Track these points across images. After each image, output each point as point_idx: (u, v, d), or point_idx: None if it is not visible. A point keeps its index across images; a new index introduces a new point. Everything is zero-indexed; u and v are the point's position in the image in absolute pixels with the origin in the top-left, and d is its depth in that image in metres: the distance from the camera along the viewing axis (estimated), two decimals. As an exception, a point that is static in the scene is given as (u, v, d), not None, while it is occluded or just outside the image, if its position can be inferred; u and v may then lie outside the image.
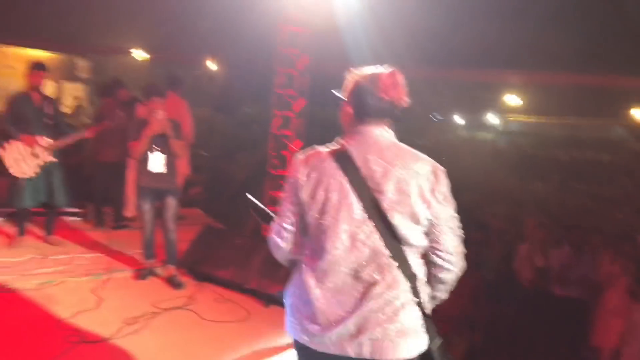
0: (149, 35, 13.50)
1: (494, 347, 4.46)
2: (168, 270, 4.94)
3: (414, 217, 1.88)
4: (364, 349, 1.85)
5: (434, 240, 1.95)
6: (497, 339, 4.52)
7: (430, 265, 2.00)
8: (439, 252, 1.96)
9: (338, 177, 1.91)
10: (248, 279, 4.78)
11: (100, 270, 5.01)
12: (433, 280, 2.02)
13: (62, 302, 4.25)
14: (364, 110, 1.99)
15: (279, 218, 2.05)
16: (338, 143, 2.03)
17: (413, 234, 1.90)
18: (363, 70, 2.04)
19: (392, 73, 1.99)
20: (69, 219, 6.63)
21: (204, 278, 4.99)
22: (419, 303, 1.92)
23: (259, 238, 4.81)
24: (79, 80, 15.74)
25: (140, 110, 5.56)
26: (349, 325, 1.86)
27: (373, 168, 1.90)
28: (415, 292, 1.91)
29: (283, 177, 5.79)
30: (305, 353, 1.98)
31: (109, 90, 6.80)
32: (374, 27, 7.59)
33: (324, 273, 1.92)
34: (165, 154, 4.79)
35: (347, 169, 1.92)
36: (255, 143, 8.95)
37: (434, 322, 1.97)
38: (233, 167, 9.70)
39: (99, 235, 6.16)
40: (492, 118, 20.54)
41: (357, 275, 1.89)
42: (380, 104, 1.97)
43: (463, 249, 2.01)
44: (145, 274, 4.97)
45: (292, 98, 6.70)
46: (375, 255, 1.89)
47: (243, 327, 4.20)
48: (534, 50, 11.69)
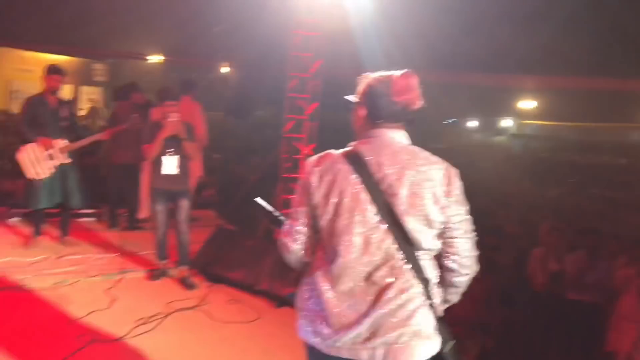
0: (165, 40, 13.64)
1: (507, 351, 4.41)
2: (180, 271, 4.98)
3: (428, 220, 1.87)
4: (377, 353, 1.84)
5: (447, 244, 1.94)
6: (509, 344, 4.47)
7: (443, 269, 1.98)
8: (452, 255, 1.94)
9: (351, 180, 1.89)
10: (259, 281, 4.81)
11: (114, 271, 5.07)
12: (446, 284, 2.00)
13: (75, 301, 4.31)
14: (377, 113, 1.97)
15: (291, 220, 2.04)
16: (351, 146, 2.00)
17: (426, 238, 1.88)
18: (376, 74, 2.01)
19: (405, 75, 1.95)
20: (84, 220, 6.72)
21: (216, 279, 5.02)
22: (432, 306, 1.91)
23: (271, 240, 4.82)
24: (96, 84, 15.93)
25: (155, 113, 5.61)
26: (362, 329, 1.85)
27: (386, 171, 1.88)
28: (428, 295, 1.90)
29: (295, 180, 5.79)
30: (317, 356, 1.97)
31: (124, 94, 6.86)
32: (387, 30, 7.59)
33: (337, 276, 1.90)
34: (179, 156, 4.83)
35: (360, 172, 1.89)
36: (268, 146, 8.97)
37: (446, 325, 1.95)
38: (245, 169, 9.73)
39: (113, 236, 6.22)
40: (506, 122, 20.41)
41: (370, 279, 1.88)
42: (394, 107, 1.94)
43: (476, 252, 1.99)
44: (158, 275, 5.02)
45: (304, 101, 6.72)
46: (389, 259, 1.87)
47: (254, 328, 4.23)
48: (549, 54, 11.61)
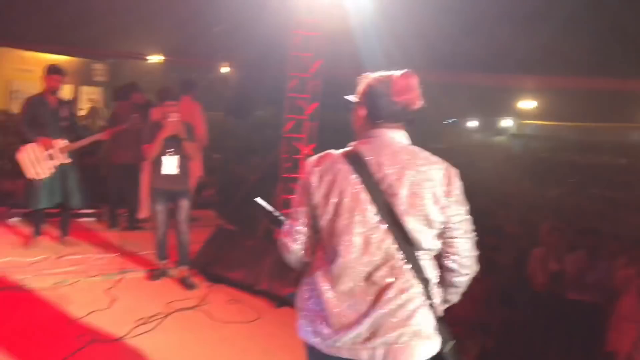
0: (165, 40, 13.64)
1: (507, 351, 4.41)
2: (180, 271, 4.98)
3: (428, 220, 1.87)
4: (377, 353, 1.84)
5: (447, 244, 1.94)
6: (509, 344, 4.47)
7: (443, 269, 1.98)
8: (452, 255, 1.94)
9: (351, 180, 1.89)
10: (259, 281, 4.81)
11: (114, 271, 5.07)
12: (446, 284, 2.00)
13: (75, 301, 4.31)
14: (377, 113, 1.97)
15: (291, 220, 2.03)
16: (351, 146, 2.00)
17: (426, 238, 1.88)
18: (376, 74, 2.01)
19: (405, 75, 1.95)
20: (84, 220, 6.72)
21: (216, 279, 5.02)
22: (432, 306, 1.91)
23: (271, 240, 4.82)
24: (96, 84, 15.93)
25: (155, 113, 5.61)
26: (362, 329, 1.85)
27: (386, 171, 1.88)
28: (428, 295, 1.90)
29: (295, 180, 5.79)
30: (317, 356, 1.97)
31: (124, 94, 6.86)
32: (387, 30, 7.58)
33: (337, 276, 1.90)
34: (179, 156, 4.83)
35: (360, 173, 1.89)
36: (268, 146, 8.97)
37: (446, 325, 1.95)
38: (245, 169, 9.73)
39: (113, 236, 6.22)
40: (506, 122, 20.40)
41: (370, 279, 1.87)
42: (394, 107, 1.94)
43: (476, 252, 1.99)
44: (158, 275, 5.02)
45: (304, 101, 6.71)
46: (389, 259, 1.87)
47: (254, 328, 4.23)
48: (549, 54, 11.60)
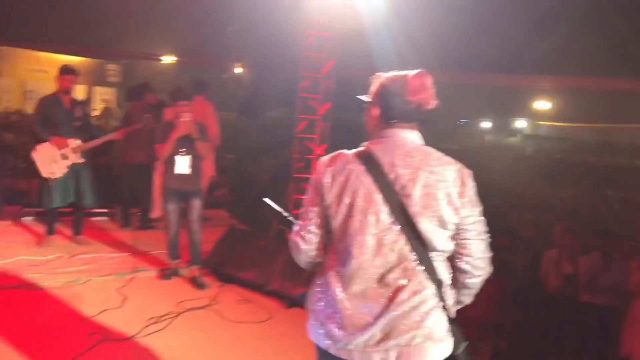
0: (178, 41, 13.73)
1: (520, 353, 4.36)
2: (192, 271, 4.98)
3: (441, 221, 1.84)
4: (390, 355, 1.82)
5: (461, 245, 1.91)
6: (522, 346, 4.42)
7: (456, 270, 1.95)
8: (465, 256, 1.92)
9: (365, 180, 1.86)
10: (270, 281, 4.80)
11: (126, 270, 5.10)
12: (458, 285, 1.98)
13: (87, 300, 4.33)
14: (391, 113, 1.94)
15: (303, 220, 2.01)
16: (364, 146, 1.97)
17: (440, 239, 1.86)
18: (389, 73, 1.98)
19: (420, 74, 1.92)
20: (97, 219, 6.77)
21: (227, 279, 5.02)
22: (445, 308, 1.88)
23: (283, 240, 4.82)
24: (110, 85, 16.07)
25: (168, 113, 5.63)
26: (375, 332, 1.82)
27: (400, 172, 1.85)
28: (442, 297, 1.87)
29: (307, 180, 5.79)
30: (327, 358, 1.94)
31: (137, 94, 6.90)
32: (400, 30, 7.56)
33: (350, 278, 1.87)
34: (191, 156, 4.84)
35: (373, 173, 1.86)
36: (280, 146, 8.98)
37: (459, 326, 1.93)
38: (258, 169, 9.75)
39: (125, 236, 6.26)
40: (520, 123, 20.27)
41: (383, 281, 1.85)
42: (408, 107, 1.91)
43: (489, 254, 1.96)
44: (170, 274, 5.03)
45: (317, 102, 6.70)
46: (402, 261, 1.84)
47: (265, 328, 4.22)
48: (564, 54, 11.50)
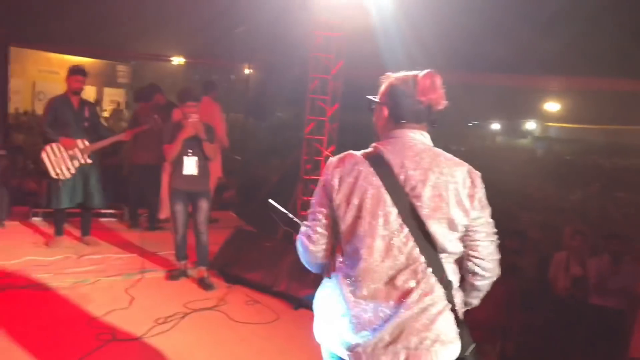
0: (187, 42, 13.77)
1: (527, 356, 4.34)
2: (199, 272, 4.99)
3: (451, 223, 1.82)
4: (399, 357, 1.80)
5: (470, 247, 1.90)
6: (530, 348, 4.40)
7: (465, 272, 1.94)
8: (475, 258, 1.90)
9: (374, 182, 1.85)
10: (278, 282, 4.81)
11: (134, 270, 5.11)
12: (467, 287, 1.96)
13: (95, 300, 4.35)
14: (400, 113, 1.92)
15: (310, 221, 1.99)
16: (373, 147, 1.95)
17: (449, 241, 1.84)
18: (399, 73, 1.96)
19: (430, 74, 1.90)
20: (105, 220, 6.80)
21: (235, 280, 5.03)
22: (454, 310, 1.87)
23: (290, 241, 4.83)
24: (119, 86, 16.17)
25: (176, 114, 5.65)
26: (384, 334, 1.80)
27: (409, 173, 1.83)
28: (451, 299, 1.86)
29: (316, 181, 5.78)
30: None
31: (146, 95, 6.93)
32: (409, 30, 7.54)
33: (358, 279, 1.86)
34: (199, 157, 4.85)
35: (382, 174, 1.85)
36: (288, 147, 8.99)
37: (467, 328, 1.91)
38: (266, 171, 9.76)
39: (133, 236, 6.28)
40: (530, 124, 20.18)
41: (392, 282, 1.83)
42: (417, 107, 1.90)
43: (498, 256, 1.95)
44: (177, 275, 5.04)
45: (325, 103, 6.70)
46: (411, 263, 1.83)
47: (272, 329, 4.22)
48: (574, 55, 11.43)
